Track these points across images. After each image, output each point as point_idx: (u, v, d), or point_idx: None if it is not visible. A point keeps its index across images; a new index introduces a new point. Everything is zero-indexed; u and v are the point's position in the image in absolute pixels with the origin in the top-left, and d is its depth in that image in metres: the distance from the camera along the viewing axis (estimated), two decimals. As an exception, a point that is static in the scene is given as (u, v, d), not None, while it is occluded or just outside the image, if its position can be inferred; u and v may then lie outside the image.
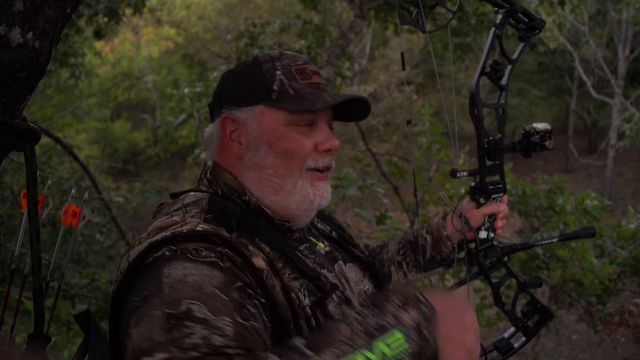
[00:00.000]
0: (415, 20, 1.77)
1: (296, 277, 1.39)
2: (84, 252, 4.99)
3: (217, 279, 1.20)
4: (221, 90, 1.54)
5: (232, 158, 1.51)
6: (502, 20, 1.94)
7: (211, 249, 1.26)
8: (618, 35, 21.17)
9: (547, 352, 10.47)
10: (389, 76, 19.74)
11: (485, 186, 1.95)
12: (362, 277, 1.70)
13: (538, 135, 1.94)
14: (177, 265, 1.20)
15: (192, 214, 1.38)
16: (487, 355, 2.03)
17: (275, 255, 1.39)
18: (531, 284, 2.06)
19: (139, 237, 1.34)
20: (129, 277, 1.27)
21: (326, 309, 1.41)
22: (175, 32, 22.40)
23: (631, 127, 12.79)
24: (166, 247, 1.25)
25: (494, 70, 1.94)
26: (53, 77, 11.99)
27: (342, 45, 5.87)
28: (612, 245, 5.37)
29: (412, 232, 2.09)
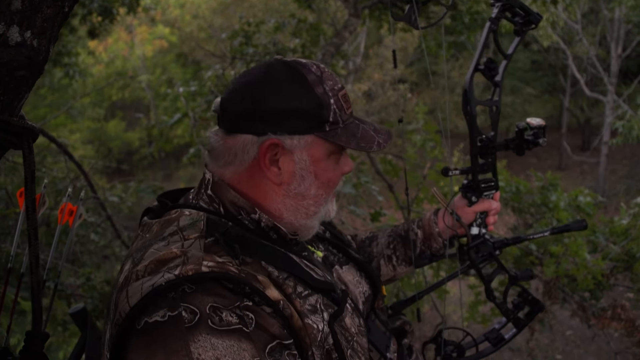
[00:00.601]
0: (407, 16, 1.78)
1: (310, 294, 1.36)
2: (79, 251, 4.98)
3: (248, 354, 1.14)
4: (261, 104, 1.37)
5: (262, 182, 1.42)
6: (497, 14, 1.92)
7: (230, 307, 1.18)
8: (611, 33, 21.25)
9: (541, 347, 10.52)
10: (384, 74, 19.75)
11: (477, 184, 1.97)
12: (360, 279, 1.70)
13: (532, 131, 1.94)
14: (204, 342, 1.12)
15: (191, 241, 1.29)
16: (478, 345, 2.06)
17: (284, 275, 1.35)
18: (522, 277, 2.08)
19: (135, 269, 1.25)
20: (133, 326, 1.18)
21: (343, 321, 1.41)
22: (169, 31, 22.35)
23: (624, 125, 12.85)
24: (182, 304, 1.16)
25: (487, 67, 1.94)
26: (47, 77, 11.96)
27: (336, 43, 5.89)
28: (605, 241, 5.40)
29: (403, 226, 2.09)
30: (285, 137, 1.37)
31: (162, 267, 1.22)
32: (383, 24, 7.02)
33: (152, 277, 1.21)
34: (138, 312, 1.17)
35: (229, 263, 1.26)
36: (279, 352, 1.20)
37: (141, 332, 1.16)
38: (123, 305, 1.20)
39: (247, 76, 1.43)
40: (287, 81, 1.38)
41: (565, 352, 10.85)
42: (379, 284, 1.74)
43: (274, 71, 1.40)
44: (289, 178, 1.42)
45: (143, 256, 1.29)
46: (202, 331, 1.13)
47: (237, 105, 1.39)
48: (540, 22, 1.98)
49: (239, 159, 1.40)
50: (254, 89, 1.38)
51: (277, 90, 1.37)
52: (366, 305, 1.67)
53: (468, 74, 1.91)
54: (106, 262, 6.07)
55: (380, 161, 5.83)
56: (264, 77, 1.39)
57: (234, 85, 1.43)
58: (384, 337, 1.66)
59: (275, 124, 1.36)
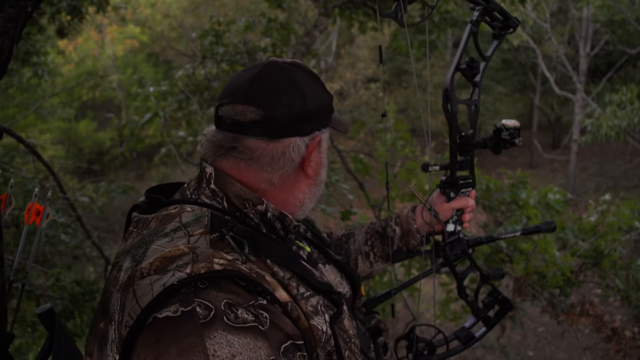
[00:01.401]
0: (394, 13, 1.79)
1: (311, 295, 1.37)
2: (49, 252, 4.93)
3: (264, 352, 1.14)
4: (306, 105, 1.41)
5: (298, 177, 1.48)
6: (478, 17, 1.95)
7: (245, 305, 1.18)
8: (579, 32, 21.53)
9: (513, 344, 10.62)
10: (355, 74, 19.81)
11: (455, 180, 2.00)
12: (341, 279, 1.71)
13: (508, 132, 1.97)
14: (219, 338, 1.11)
15: (197, 237, 1.28)
16: (448, 344, 2.09)
17: (287, 275, 1.35)
18: (493, 276, 2.11)
19: (139, 267, 1.22)
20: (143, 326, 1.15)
21: (342, 323, 1.42)
22: (140, 30, 22.16)
23: (592, 123, 13.03)
24: (195, 299, 1.14)
25: (469, 67, 1.97)
26: (15, 77, 11.78)
27: (307, 43, 5.89)
28: (574, 238, 5.48)
29: (381, 223, 2.10)
30: (323, 132, 1.49)
31: (170, 265, 1.20)
32: (354, 23, 7.03)
33: (161, 276, 1.19)
34: (149, 310, 1.15)
35: (238, 261, 1.25)
36: (292, 352, 1.21)
37: (150, 327, 1.13)
38: (132, 306, 1.17)
39: (268, 82, 1.42)
40: (310, 80, 1.47)
41: (537, 349, 10.95)
42: (358, 285, 1.75)
43: (296, 73, 1.45)
44: (319, 168, 1.52)
45: (145, 253, 1.26)
46: (217, 327, 1.12)
47: (285, 111, 1.39)
48: (518, 26, 2.01)
49: (289, 162, 1.43)
50: (292, 92, 1.41)
51: (311, 91, 1.44)
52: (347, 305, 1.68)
53: (449, 73, 1.94)
54: (77, 263, 6.00)
55: (351, 160, 5.85)
56: (292, 80, 1.43)
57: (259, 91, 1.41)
58: (364, 337, 1.68)
59: (317, 122, 1.46)
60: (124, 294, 1.22)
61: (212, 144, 1.44)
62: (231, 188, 1.42)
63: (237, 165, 1.42)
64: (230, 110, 1.41)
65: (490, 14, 1.99)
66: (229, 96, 1.43)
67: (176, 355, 1.09)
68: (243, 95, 1.40)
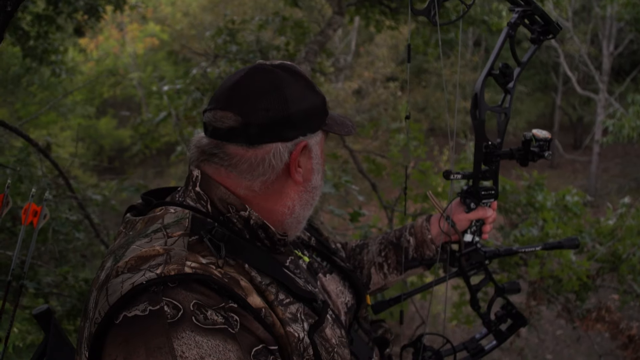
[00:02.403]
0: (427, 11, 1.74)
1: (291, 302, 1.35)
2: (57, 251, 4.95)
3: (234, 355, 1.12)
4: (286, 110, 1.37)
5: (286, 183, 1.44)
6: (516, 20, 1.87)
7: (215, 307, 1.16)
8: (602, 31, 21.31)
9: (531, 347, 10.54)
10: (374, 72, 19.75)
11: (477, 191, 1.93)
12: (343, 289, 1.68)
13: (537, 143, 1.91)
14: (188, 339, 1.09)
15: (175, 239, 1.28)
16: (456, 354, 2.04)
17: (266, 281, 1.33)
18: (509, 290, 2.06)
19: (116, 265, 1.22)
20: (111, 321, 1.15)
21: (323, 332, 1.39)
22: (160, 28, 22.33)
23: (614, 123, 12.84)
24: (164, 298, 1.13)
25: (502, 73, 1.88)
26: (35, 75, 11.90)
27: (320, 41, 5.85)
28: (591, 241, 5.39)
29: (395, 234, 2.06)
30: (310, 137, 1.43)
31: (143, 265, 1.19)
32: (370, 22, 7.00)
33: (132, 274, 1.17)
34: (117, 308, 1.14)
35: (212, 265, 1.24)
36: (265, 355, 1.19)
37: (120, 326, 1.12)
38: (102, 303, 1.17)
39: (249, 86, 1.39)
40: (297, 84, 1.41)
41: (555, 352, 10.87)
42: (363, 293, 1.73)
43: (280, 76, 1.41)
44: (309, 174, 1.47)
45: (125, 253, 1.26)
46: (185, 328, 1.10)
47: (263, 117, 1.36)
48: (558, 33, 1.93)
49: (270, 169, 1.39)
50: (272, 96, 1.37)
51: (294, 95, 1.39)
52: (349, 315, 1.65)
53: (480, 78, 1.87)
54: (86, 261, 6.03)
55: (363, 160, 5.81)
56: (275, 83, 1.39)
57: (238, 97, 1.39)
58: (366, 348, 1.65)
59: (301, 127, 1.40)
60: (99, 292, 1.22)
61: (197, 149, 1.44)
62: (215, 192, 1.40)
63: (218, 171, 1.40)
64: (211, 117, 1.40)
65: (530, 17, 1.91)
66: (213, 102, 1.42)
67: (144, 355, 1.07)
68: (224, 101, 1.39)
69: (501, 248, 2.08)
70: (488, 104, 1.88)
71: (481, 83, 1.85)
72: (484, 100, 1.85)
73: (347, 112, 16.84)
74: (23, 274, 1.99)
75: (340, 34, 20.00)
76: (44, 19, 7.31)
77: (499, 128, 1.93)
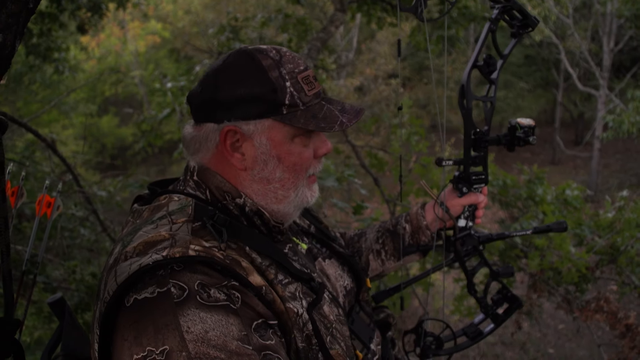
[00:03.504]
0: (414, 8, 1.79)
1: (290, 282, 1.40)
2: (66, 245, 5.00)
3: (236, 328, 1.18)
4: (215, 93, 1.41)
5: (231, 168, 1.47)
6: (497, 15, 1.96)
7: (217, 285, 1.22)
8: (603, 27, 21.27)
9: (533, 341, 10.56)
10: (376, 69, 19.75)
11: (468, 176, 2.00)
12: (342, 273, 1.73)
13: (522, 130, 1.98)
14: (193, 316, 1.15)
15: (179, 225, 1.33)
16: (456, 339, 2.10)
17: (266, 262, 1.39)
18: (503, 273, 2.11)
19: (124, 250, 1.28)
20: (122, 304, 1.21)
21: (321, 309, 1.45)
22: (161, 26, 22.31)
23: (614, 119, 12.85)
24: (171, 280, 1.19)
25: (486, 64, 1.98)
26: (38, 73, 11.92)
27: (323, 38, 5.89)
28: (590, 234, 5.43)
29: (391, 221, 2.12)
30: (241, 123, 1.41)
31: (150, 249, 1.26)
32: (372, 19, 7.03)
33: (140, 257, 1.24)
34: (126, 290, 1.21)
35: (215, 248, 1.30)
36: (264, 329, 1.24)
37: (130, 308, 1.19)
38: (111, 283, 1.23)
39: (208, 67, 1.48)
40: (241, 68, 1.41)
41: (557, 346, 10.88)
42: (362, 277, 1.78)
43: (231, 60, 1.44)
44: (252, 163, 1.45)
45: (133, 239, 1.32)
46: (191, 306, 1.16)
47: (198, 96, 1.45)
48: (536, 26, 2.02)
49: (204, 147, 1.46)
50: (210, 78, 1.44)
51: (230, 78, 1.40)
52: (348, 298, 1.70)
53: (466, 70, 1.95)
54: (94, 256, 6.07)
55: (366, 155, 5.85)
56: (220, 66, 1.44)
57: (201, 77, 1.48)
58: (367, 329, 1.69)
59: (231, 111, 1.41)
60: (108, 274, 1.28)
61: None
62: (212, 180, 1.48)
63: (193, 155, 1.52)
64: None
65: (509, 13, 2.00)
66: None
67: (153, 333, 1.14)
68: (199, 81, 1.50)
69: (494, 233, 2.15)
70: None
71: (467, 74, 1.94)
72: (471, 90, 1.93)
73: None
74: (35, 268, 2.03)
75: (342, 31, 19.98)
76: (47, 17, 7.33)
77: (486, 116, 2.02)
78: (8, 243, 1.35)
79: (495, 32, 1.98)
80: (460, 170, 2.03)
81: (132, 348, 1.15)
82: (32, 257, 3.18)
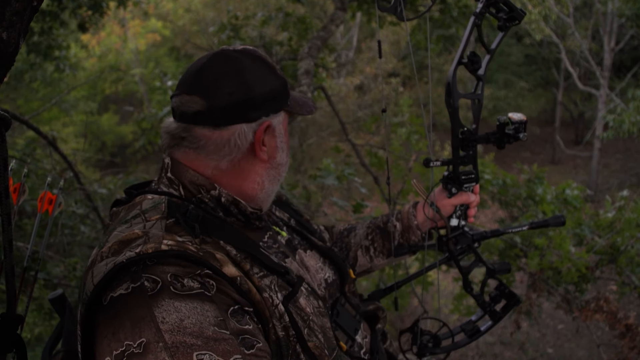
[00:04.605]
0: (393, 8, 1.78)
1: (265, 275, 1.40)
2: (66, 243, 5.00)
3: (212, 314, 1.19)
4: (250, 92, 1.45)
5: (253, 162, 1.52)
6: (482, 9, 1.91)
7: (191, 274, 1.23)
8: (603, 27, 21.26)
9: (532, 341, 10.57)
10: (375, 68, 19.72)
11: (457, 176, 1.98)
12: (322, 265, 1.73)
13: (513, 126, 1.95)
14: (167, 306, 1.16)
15: (153, 222, 1.35)
16: (454, 336, 2.10)
17: (242, 255, 1.39)
18: (500, 270, 2.10)
19: (100, 251, 1.30)
20: (100, 303, 1.22)
21: (297, 302, 1.44)
22: (162, 24, 22.30)
23: (614, 118, 12.85)
24: (143, 275, 1.21)
25: (470, 61, 1.93)
26: (38, 71, 11.93)
27: (323, 37, 5.89)
28: (590, 234, 5.44)
29: (382, 218, 2.11)
30: (272, 117, 1.50)
31: (124, 247, 1.27)
32: (372, 17, 7.03)
33: (115, 257, 1.25)
34: (103, 289, 1.22)
35: (188, 242, 1.30)
36: (241, 314, 1.25)
37: (107, 306, 1.20)
38: (89, 284, 1.24)
39: (213, 71, 1.46)
40: (258, 67, 1.49)
41: (556, 346, 10.89)
42: (344, 269, 1.78)
43: (242, 61, 1.48)
44: (274, 152, 1.55)
45: (108, 239, 1.33)
46: (165, 297, 1.17)
47: (227, 100, 1.43)
48: (523, 19, 1.96)
49: (237, 148, 1.47)
50: (235, 80, 1.45)
51: (256, 77, 1.47)
52: (330, 290, 1.70)
53: (451, 67, 1.92)
54: (93, 253, 6.07)
55: (366, 154, 5.86)
56: (237, 68, 1.46)
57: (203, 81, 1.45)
58: (353, 320, 1.69)
59: (264, 108, 1.48)
60: (86, 276, 1.30)
61: (167, 135, 1.51)
62: (185, 175, 1.48)
63: (187, 154, 1.49)
64: (178, 102, 1.46)
65: (495, 5, 1.95)
66: (179, 87, 1.49)
67: (130, 327, 1.15)
68: (189, 85, 1.46)
69: (488, 230, 2.13)
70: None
71: (452, 72, 1.89)
72: (457, 88, 1.90)
73: (348, 107, 16.84)
74: (36, 264, 2.04)
75: (342, 30, 19.98)
76: (48, 15, 7.34)
77: (474, 114, 1.98)
78: (11, 239, 1.35)
79: (480, 26, 1.93)
80: (449, 170, 2.01)
81: (112, 344, 1.16)
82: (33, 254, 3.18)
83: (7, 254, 1.34)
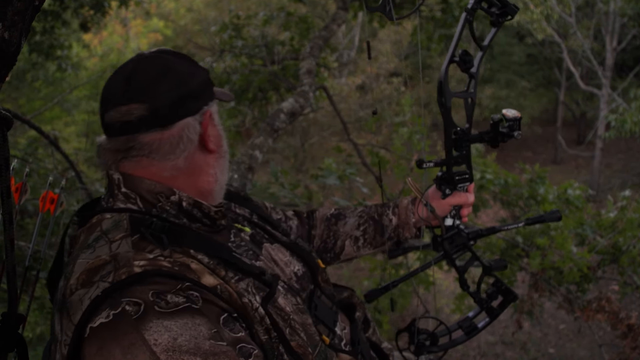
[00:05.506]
0: (382, 7, 1.74)
1: (240, 279, 1.37)
2: (67, 242, 4.98)
3: (204, 327, 1.15)
4: (186, 87, 1.43)
5: (203, 155, 1.49)
6: (474, 4, 1.87)
7: (173, 290, 1.19)
8: (605, 26, 21.23)
9: (534, 341, 10.58)
10: (377, 68, 19.71)
11: (451, 176, 1.95)
12: (290, 258, 1.68)
13: (507, 123, 1.91)
14: (156, 327, 1.11)
15: (118, 242, 1.29)
16: (451, 334, 2.08)
17: (214, 262, 1.35)
18: (496, 267, 2.08)
19: (68, 284, 1.25)
20: (81, 338, 1.16)
21: (276, 302, 1.41)
22: (163, 24, 22.33)
23: (616, 118, 12.82)
24: (122, 300, 1.15)
25: (462, 60, 1.89)
26: (40, 70, 11.94)
27: (324, 36, 5.89)
28: (592, 233, 5.43)
29: (377, 210, 2.08)
30: (211, 105, 1.52)
31: (94, 277, 1.22)
32: (374, 17, 7.03)
33: (87, 289, 1.20)
34: (83, 325, 1.16)
35: (160, 257, 1.27)
36: (232, 322, 1.23)
37: (90, 339, 1.14)
38: (67, 324, 1.20)
39: (142, 75, 1.42)
40: (183, 61, 1.49)
41: (558, 346, 10.89)
42: (312, 260, 1.73)
43: (168, 59, 1.47)
44: (219, 140, 1.55)
45: (73, 269, 1.29)
46: (151, 318, 1.12)
47: (168, 97, 1.40)
48: (516, 14, 1.92)
49: (190, 142, 1.44)
50: (169, 78, 1.42)
51: (187, 71, 1.46)
52: (302, 283, 1.65)
53: (443, 66, 1.87)
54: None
55: (367, 153, 5.85)
56: (166, 66, 1.44)
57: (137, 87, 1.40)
58: (330, 312, 1.66)
59: (203, 97, 1.49)
60: (60, 314, 1.25)
61: (109, 152, 1.45)
62: (141, 186, 1.42)
63: (139, 164, 1.42)
64: (115, 114, 1.40)
65: (487, 1, 1.91)
66: (109, 101, 1.43)
67: (121, 355, 1.10)
68: (122, 95, 1.40)
69: (483, 228, 2.10)
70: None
71: (444, 71, 1.85)
72: (449, 87, 1.86)
73: (350, 107, 16.83)
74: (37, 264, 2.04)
75: (343, 30, 19.97)
76: (50, 14, 7.35)
77: (467, 113, 1.94)
78: (12, 239, 1.35)
79: (472, 22, 1.89)
80: (442, 170, 1.98)
81: None
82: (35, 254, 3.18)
83: (9, 253, 1.34)
